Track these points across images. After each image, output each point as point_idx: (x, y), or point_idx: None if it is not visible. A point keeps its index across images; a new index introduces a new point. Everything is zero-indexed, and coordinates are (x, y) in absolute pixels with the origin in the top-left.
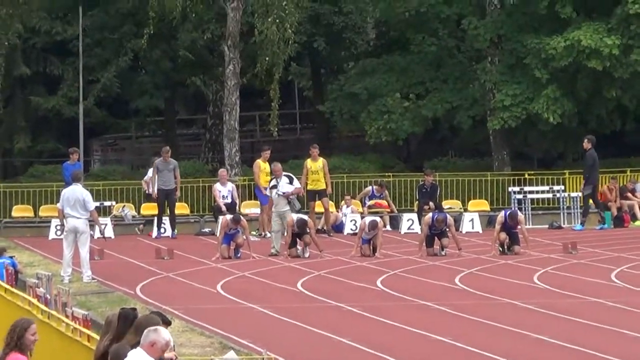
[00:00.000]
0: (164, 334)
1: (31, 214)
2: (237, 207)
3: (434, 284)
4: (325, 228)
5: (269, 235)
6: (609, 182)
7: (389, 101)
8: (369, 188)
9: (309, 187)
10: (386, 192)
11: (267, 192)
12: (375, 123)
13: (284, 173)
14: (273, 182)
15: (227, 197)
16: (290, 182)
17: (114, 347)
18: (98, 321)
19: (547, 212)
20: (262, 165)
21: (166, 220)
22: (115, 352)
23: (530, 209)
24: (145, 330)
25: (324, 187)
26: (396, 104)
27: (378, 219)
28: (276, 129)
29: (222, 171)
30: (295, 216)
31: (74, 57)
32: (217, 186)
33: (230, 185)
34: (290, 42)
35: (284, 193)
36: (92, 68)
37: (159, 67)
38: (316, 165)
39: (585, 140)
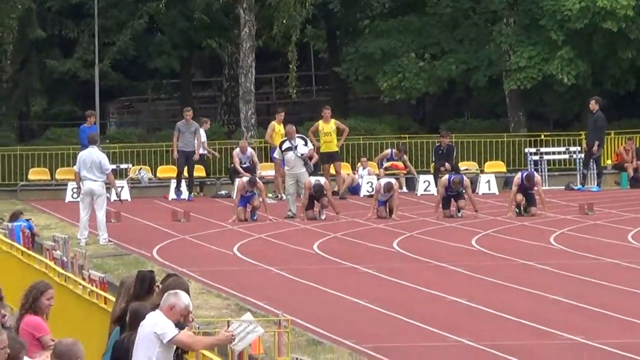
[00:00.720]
0: (183, 297)
1: (47, 177)
2: (257, 170)
3: (451, 245)
4: (339, 191)
5: (284, 197)
6: (625, 143)
7: (404, 61)
8: (388, 150)
9: (322, 149)
10: (405, 156)
11: (276, 155)
12: (389, 81)
13: (297, 135)
14: (287, 145)
15: (245, 162)
16: (305, 144)
17: (134, 305)
18: (115, 284)
19: (564, 173)
20: (276, 127)
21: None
22: (135, 310)
23: (546, 170)
24: (165, 294)
25: (337, 149)
26: (411, 64)
27: (393, 180)
28: (294, 91)
29: (242, 143)
30: (313, 179)
31: (89, 19)
32: (237, 152)
33: (249, 152)
34: (306, 4)
35: (302, 155)
36: (108, 30)
37: (175, 26)
38: (328, 127)
39: (593, 101)
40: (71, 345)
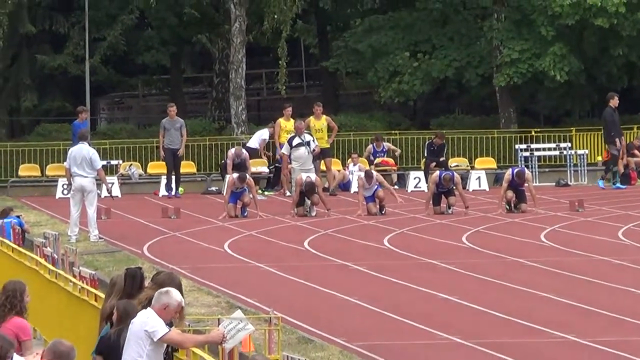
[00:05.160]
0: (175, 295)
1: (38, 173)
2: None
3: (441, 242)
4: (329, 187)
5: (288, 194)
6: None
7: (398, 60)
8: (370, 146)
9: None
10: (385, 143)
11: (285, 150)
12: (387, 85)
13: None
14: (297, 140)
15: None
16: (313, 140)
17: (121, 302)
18: (105, 281)
19: (554, 170)
20: (282, 124)
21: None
22: (123, 308)
23: (537, 166)
24: (157, 293)
25: (327, 145)
26: (405, 63)
27: (373, 172)
28: (284, 87)
29: (238, 149)
30: (304, 175)
31: (79, 11)
32: (232, 154)
33: (244, 155)
34: None
35: (314, 150)
36: (99, 24)
37: (165, 22)
38: (320, 123)
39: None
40: (70, 349)
